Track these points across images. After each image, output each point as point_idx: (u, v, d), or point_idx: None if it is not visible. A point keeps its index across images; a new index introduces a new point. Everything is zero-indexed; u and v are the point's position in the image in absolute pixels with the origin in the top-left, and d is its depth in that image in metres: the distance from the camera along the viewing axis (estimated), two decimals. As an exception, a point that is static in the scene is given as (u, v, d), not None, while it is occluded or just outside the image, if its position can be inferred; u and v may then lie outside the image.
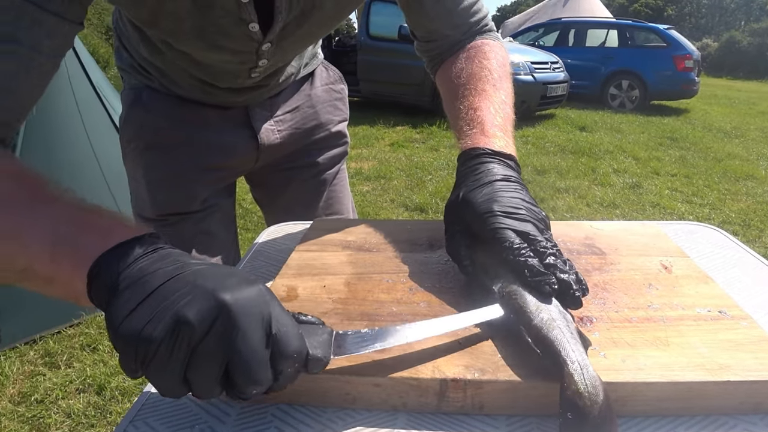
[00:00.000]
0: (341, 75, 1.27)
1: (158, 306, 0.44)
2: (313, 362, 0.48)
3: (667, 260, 0.74)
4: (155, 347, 0.43)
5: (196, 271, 0.47)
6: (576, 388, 0.47)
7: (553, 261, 0.59)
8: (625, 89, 10.43)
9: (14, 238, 0.53)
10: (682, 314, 0.61)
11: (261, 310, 0.45)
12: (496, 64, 0.87)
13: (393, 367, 0.52)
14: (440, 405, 0.52)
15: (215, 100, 1.04)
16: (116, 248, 0.48)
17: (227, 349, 0.44)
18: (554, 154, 6.45)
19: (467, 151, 0.73)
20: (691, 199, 5.03)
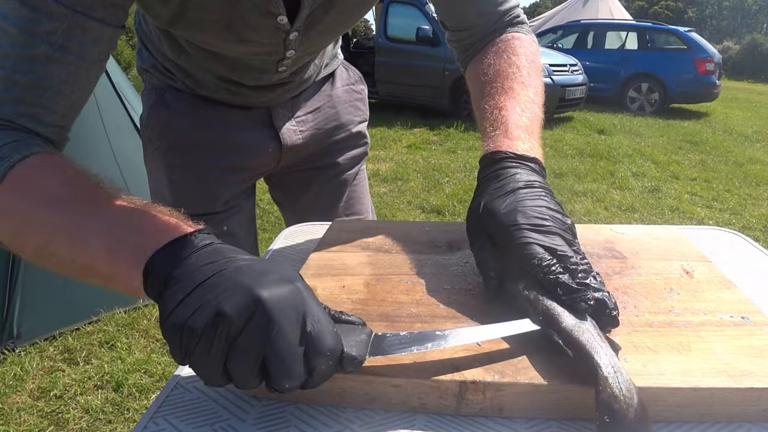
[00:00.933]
0: (361, 75, 1.28)
1: (202, 300, 0.47)
2: (347, 360, 0.49)
3: (688, 265, 0.74)
4: (197, 338, 0.46)
5: (238, 267, 0.49)
6: (611, 391, 0.47)
7: (585, 277, 0.57)
8: (645, 92, 10.34)
9: (75, 240, 0.56)
10: (704, 319, 0.60)
11: (296, 307, 0.47)
12: (526, 60, 0.85)
13: (412, 368, 0.52)
14: (459, 407, 0.51)
15: (239, 100, 1.04)
16: (169, 245, 0.51)
17: (263, 344, 0.46)
18: (572, 157, 6.42)
19: (489, 155, 0.71)
20: (711, 203, 4.98)
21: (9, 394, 2.16)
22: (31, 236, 0.60)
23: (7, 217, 0.62)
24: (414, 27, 8.25)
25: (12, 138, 0.63)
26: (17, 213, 0.61)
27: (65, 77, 0.66)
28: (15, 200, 0.61)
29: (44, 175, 0.62)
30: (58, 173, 0.62)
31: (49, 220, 0.58)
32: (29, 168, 0.61)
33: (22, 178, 0.61)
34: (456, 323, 0.60)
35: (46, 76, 0.65)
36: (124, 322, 2.64)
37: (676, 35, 10.45)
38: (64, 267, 0.59)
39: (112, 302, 2.66)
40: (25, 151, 0.62)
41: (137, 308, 2.74)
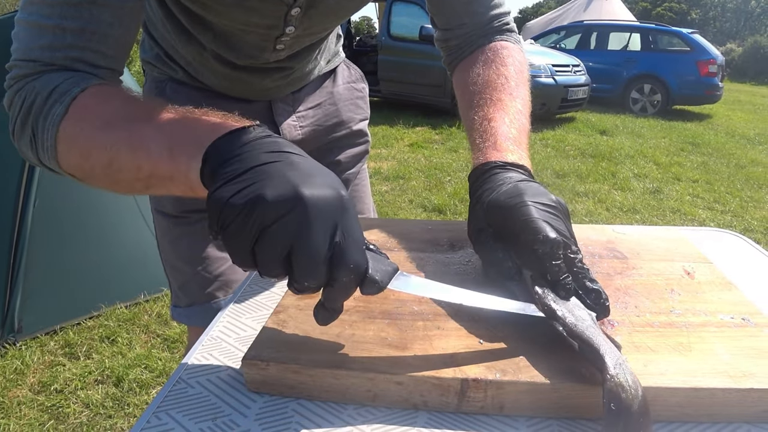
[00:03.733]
0: (362, 74, 1.28)
1: (249, 182, 0.49)
2: (369, 282, 0.51)
3: (690, 266, 0.74)
4: (233, 215, 0.48)
5: (291, 162, 0.51)
6: (618, 380, 0.47)
7: (581, 266, 0.59)
8: (647, 93, 10.34)
9: (140, 148, 0.59)
10: (705, 320, 0.61)
11: (334, 214, 0.49)
12: (514, 71, 0.86)
13: (415, 365, 0.53)
14: (461, 405, 0.52)
15: (239, 89, 1.04)
16: (228, 135, 0.54)
17: (293, 238, 0.47)
18: (574, 158, 6.42)
19: (479, 167, 0.73)
20: (712, 205, 4.98)
21: (10, 387, 2.17)
22: (97, 157, 0.63)
23: (75, 145, 0.64)
24: (417, 26, 8.24)
25: (70, 75, 0.66)
26: (83, 138, 0.63)
27: (110, 20, 0.68)
28: (80, 127, 0.64)
29: (104, 100, 0.65)
30: (117, 97, 0.66)
31: (111, 136, 0.61)
32: (90, 97, 0.65)
33: (85, 106, 0.64)
34: (458, 320, 0.60)
35: (92, 20, 0.67)
36: (125, 317, 2.64)
37: (679, 37, 10.44)
38: (132, 181, 0.62)
39: (113, 297, 2.67)
40: (85, 84, 0.65)
41: (138, 303, 2.74)
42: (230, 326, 0.69)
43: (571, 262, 0.59)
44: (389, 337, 0.57)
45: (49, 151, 0.66)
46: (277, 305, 0.65)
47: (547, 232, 0.59)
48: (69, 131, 0.64)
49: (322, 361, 0.54)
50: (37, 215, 2.44)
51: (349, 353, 0.55)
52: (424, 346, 0.55)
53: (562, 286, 0.57)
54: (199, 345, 0.66)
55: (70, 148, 0.65)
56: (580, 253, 0.61)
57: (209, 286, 1.06)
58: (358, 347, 0.56)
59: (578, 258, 0.60)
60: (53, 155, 0.66)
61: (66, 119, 0.64)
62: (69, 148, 0.65)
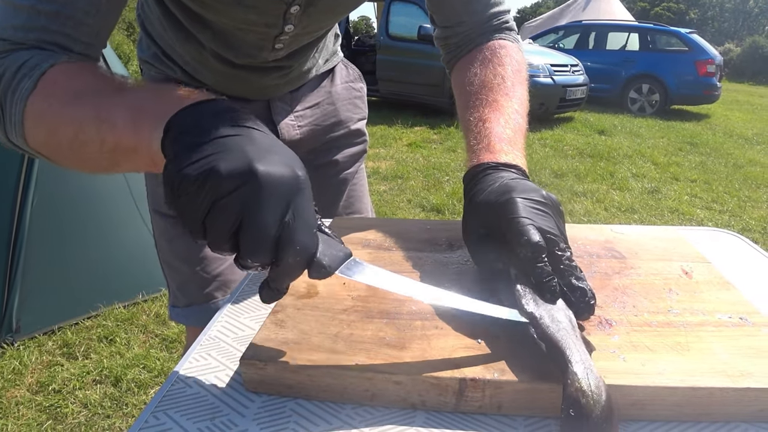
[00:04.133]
0: (360, 73, 1.28)
1: (205, 154, 0.48)
2: (316, 266, 0.51)
3: (687, 265, 0.74)
4: (187, 186, 0.47)
5: (251, 137, 0.50)
6: (579, 385, 0.46)
7: (569, 265, 0.59)
8: (646, 93, 10.35)
9: (105, 120, 0.58)
10: (702, 320, 0.61)
11: (286, 194, 0.49)
12: (511, 71, 0.86)
13: (413, 365, 0.53)
14: (459, 404, 0.52)
15: (237, 88, 1.03)
16: (190, 107, 0.53)
17: (241, 214, 0.47)
18: (572, 158, 6.42)
19: (472, 169, 0.73)
20: (710, 205, 4.98)
21: (8, 388, 2.17)
22: (63, 132, 0.62)
23: (42, 121, 0.64)
24: (416, 25, 8.24)
25: (40, 52, 0.66)
26: (50, 114, 0.63)
27: (87, 7, 0.68)
28: (47, 102, 0.63)
29: (74, 75, 0.65)
30: (86, 72, 0.65)
31: (78, 110, 0.61)
32: (60, 72, 0.64)
33: (54, 81, 0.63)
34: (455, 319, 0.60)
35: (68, 5, 0.67)
36: (123, 317, 2.64)
37: (678, 37, 10.45)
38: (97, 156, 0.61)
39: (112, 297, 2.67)
40: (54, 60, 0.65)
41: (136, 303, 2.74)
42: (228, 326, 0.69)
43: (558, 260, 0.59)
44: (387, 337, 0.57)
45: (16, 127, 0.65)
46: (276, 305, 0.65)
47: (530, 235, 0.58)
48: (37, 106, 0.63)
49: (320, 360, 0.54)
50: (35, 214, 2.44)
51: (348, 353, 0.55)
52: (422, 346, 0.55)
53: (546, 288, 0.57)
54: (198, 345, 0.66)
55: (38, 123, 0.64)
56: (569, 251, 0.60)
57: (208, 286, 1.06)
58: (357, 347, 0.56)
59: (566, 256, 0.59)
60: (20, 132, 0.65)
61: (34, 94, 0.63)
62: (36, 124, 0.64)
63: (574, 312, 0.56)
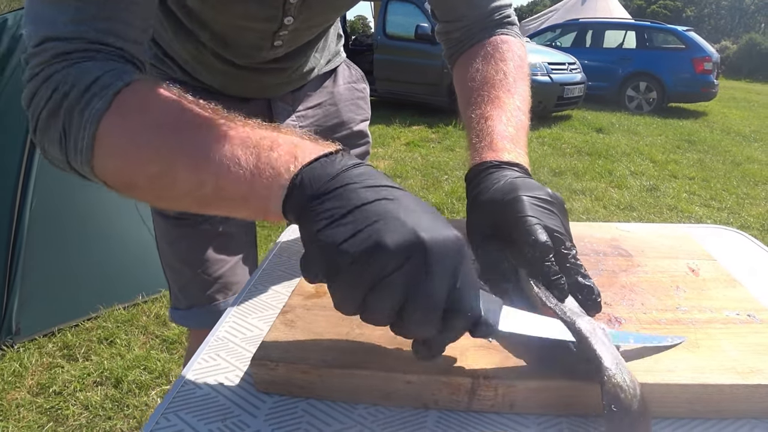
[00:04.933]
0: (363, 74, 1.27)
1: (360, 225, 0.45)
2: (483, 325, 0.49)
3: (693, 263, 0.74)
4: (347, 264, 0.44)
5: (399, 200, 0.47)
6: (617, 381, 0.47)
7: (575, 263, 0.59)
8: (643, 91, 10.35)
9: (201, 162, 0.53)
10: (710, 317, 0.61)
11: (454, 259, 0.46)
12: (513, 66, 0.85)
13: (425, 364, 0.52)
14: (471, 403, 0.52)
15: (237, 87, 1.03)
16: (316, 161, 0.50)
17: (411, 288, 0.44)
18: (571, 156, 6.43)
19: (475, 167, 0.72)
20: (709, 202, 4.99)
21: (8, 390, 2.16)
22: (145, 166, 0.55)
23: (116, 148, 0.57)
24: (413, 25, 8.24)
25: (110, 67, 0.59)
26: (127, 141, 0.56)
27: None
28: (124, 127, 0.56)
29: (154, 97, 0.58)
30: (167, 97, 0.58)
31: (168, 144, 0.54)
32: (135, 93, 0.58)
33: (131, 103, 0.57)
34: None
35: None
36: (123, 319, 2.64)
37: (675, 34, 10.46)
38: (184, 196, 0.56)
39: (112, 299, 2.66)
40: (128, 78, 0.58)
41: (136, 304, 2.73)
42: (236, 326, 0.69)
43: (564, 259, 0.59)
44: (398, 337, 0.57)
45: (83, 153, 0.57)
46: (285, 305, 0.65)
47: (537, 234, 0.58)
48: (111, 131, 0.56)
49: (332, 361, 0.54)
50: (34, 216, 2.43)
51: (359, 353, 0.55)
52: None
53: (555, 286, 0.57)
54: (206, 346, 0.66)
55: (111, 152, 0.57)
56: (574, 249, 0.60)
57: (209, 288, 1.06)
58: (368, 346, 0.56)
59: (571, 254, 0.59)
60: (87, 158, 0.57)
61: (108, 116, 0.56)
62: (110, 153, 0.57)
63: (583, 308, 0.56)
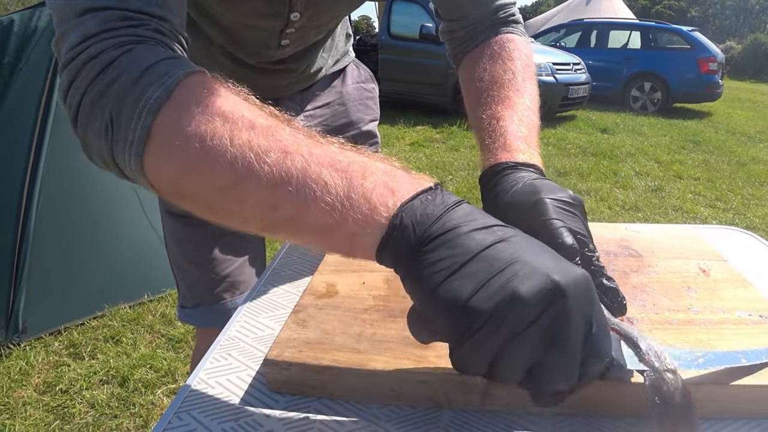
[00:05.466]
0: (372, 74, 1.27)
1: (486, 276, 0.40)
2: (616, 368, 0.45)
3: (704, 263, 0.74)
4: (481, 322, 0.39)
5: (517, 242, 0.43)
6: (659, 374, 0.46)
7: (598, 264, 0.58)
8: (648, 91, 10.34)
9: (281, 180, 0.46)
10: (723, 318, 0.61)
11: (590, 300, 0.42)
12: (521, 65, 0.84)
13: (439, 363, 0.53)
14: (484, 402, 0.52)
15: (245, 87, 1.02)
16: (415, 198, 0.45)
17: (549, 340, 0.39)
18: (575, 156, 6.42)
19: (490, 169, 0.71)
20: (714, 203, 4.98)
21: (15, 388, 2.17)
22: (210, 174, 0.48)
23: (175, 146, 0.48)
24: (417, 25, 8.24)
25: (165, 54, 0.52)
26: (191, 140, 0.48)
27: None
28: (190, 123, 0.48)
29: (224, 97, 0.51)
30: (238, 97, 0.52)
31: (241, 152, 0.47)
32: (202, 87, 0.50)
33: (197, 98, 0.49)
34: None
35: None
36: (129, 318, 2.64)
37: (680, 34, 10.44)
38: (252, 216, 0.48)
39: (117, 297, 2.67)
40: (188, 68, 0.51)
41: (142, 303, 2.74)
42: (247, 326, 0.69)
43: (588, 261, 0.58)
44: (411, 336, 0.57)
45: (133, 147, 0.49)
46: (297, 305, 0.65)
47: (564, 237, 0.57)
48: (172, 126, 0.48)
49: (345, 360, 0.54)
50: (40, 215, 2.44)
51: (372, 353, 0.55)
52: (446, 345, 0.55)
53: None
54: (217, 345, 0.66)
55: (169, 149, 0.49)
56: (597, 251, 0.60)
57: (217, 287, 1.06)
58: (381, 346, 0.56)
59: (595, 256, 0.59)
60: (139, 151, 0.49)
61: (168, 107, 0.48)
62: (166, 150, 0.49)
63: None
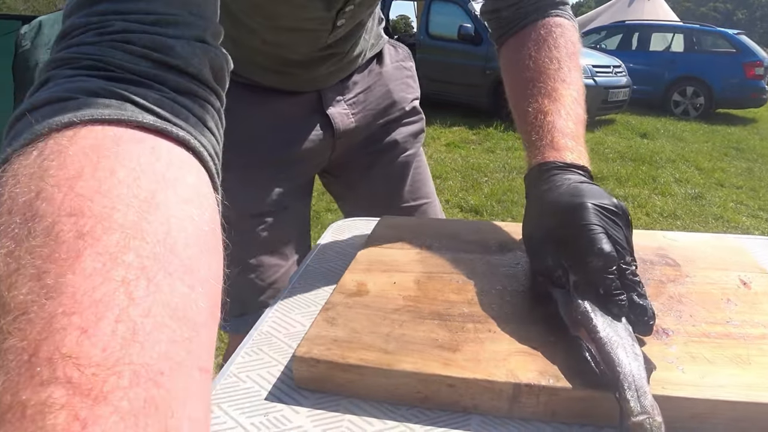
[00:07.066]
0: (409, 52, 1.25)
1: None
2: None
3: (746, 276, 0.72)
4: None
5: None
6: (639, 420, 0.45)
7: (633, 280, 0.57)
8: (690, 96, 10.11)
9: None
10: (763, 332, 0.59)
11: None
12: (566, 54, 0.81)
13: (467, 367, 0.52)
14: (512, 409, 0.51)
15: (288, 82, 1.02)
16: None
17: None
18: (613, 161, 6.32)
19: (536, 167, 0.70)
20: (757, 213, 4.84)
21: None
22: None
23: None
24: (456, 25, 8.22)
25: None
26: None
27: None
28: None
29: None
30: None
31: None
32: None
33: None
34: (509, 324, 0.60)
35: None
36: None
37: (725, 38, 10.18)
38: None
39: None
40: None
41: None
42: (280, 322, 0.70)
43: (623, 274, 0.57)
44: (440, 339, 0.57)
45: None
46: (326, 302, 0.65)
47: (602, 244, 0.56)
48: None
49: (372, 360, 0.54)
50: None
51: (400, 353, 0.55)
52: (475, 349, 0.55)
53: (615, 302, 0.55)
54: (249, 339, 0.66)
55: None
56: (634, 264, 0.59)
57: (262, 293, 1.05)
58: (409, 347, 0.56)
59: (630, 270, 0.58)
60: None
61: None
62: None
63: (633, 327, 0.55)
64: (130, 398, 0.26)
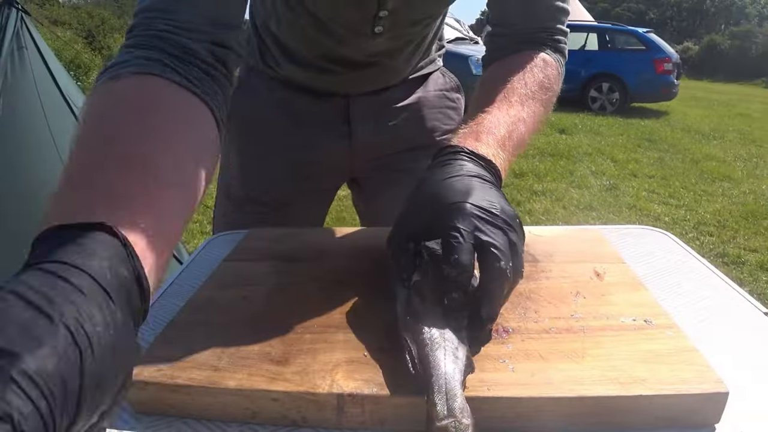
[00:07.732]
0: (459, 84, 1.20)
1: None
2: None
3: (601, 267, 0.73)
4: None
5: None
6: (441, 423, 0.44)
7: (491, 290, 0.55)
8: (606, 92, 10.49)
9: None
10: (605, 324, 0.59)
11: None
12: (539, 87, 0.80)
13: (293, 380, 0.50)
14: (340, 420, 0.50)
15: (323, 81, 1.02)
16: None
17: None
18: (533, 157, 6.46)
19: (444, 148, 0.67)
20: (667, 200, 5.06)
21: None
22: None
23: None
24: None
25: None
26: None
27: None
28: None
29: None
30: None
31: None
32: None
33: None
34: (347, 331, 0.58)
35: None
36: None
37: (635, 36, 10.63)
38: None
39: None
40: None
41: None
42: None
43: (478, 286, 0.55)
44: (273, 352, 0.55)
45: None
46: (170, 322, 0.62)
47: (460, 254, 0.53)
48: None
49: (200, 379, 0.51)
50: None
51: (229, 370, 0.52)
52: (306, 360, 0.53)
53: (453, 318, 0.53)
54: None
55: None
56: (507, 274, 0.55)
57: None
58: (240, 363, 0.53)
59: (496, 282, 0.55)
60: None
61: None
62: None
63: (472, 331, 0.53)
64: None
